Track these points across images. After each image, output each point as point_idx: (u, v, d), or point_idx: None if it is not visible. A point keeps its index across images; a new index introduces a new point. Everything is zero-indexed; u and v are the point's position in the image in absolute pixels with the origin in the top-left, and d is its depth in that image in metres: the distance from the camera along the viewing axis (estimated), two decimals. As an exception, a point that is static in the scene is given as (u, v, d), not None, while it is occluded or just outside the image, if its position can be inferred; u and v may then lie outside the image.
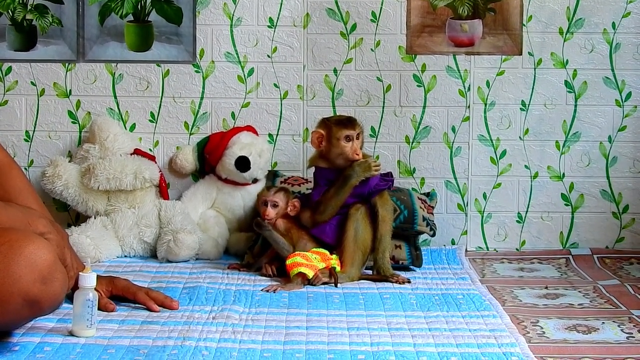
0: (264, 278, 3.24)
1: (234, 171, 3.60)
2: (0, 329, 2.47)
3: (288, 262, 3.18)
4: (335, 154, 3.27)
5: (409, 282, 3.22)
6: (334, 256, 3.23)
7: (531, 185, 3.79)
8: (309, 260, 3.18)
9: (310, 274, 3.15)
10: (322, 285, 3.16)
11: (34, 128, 3.74)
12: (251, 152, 3.61)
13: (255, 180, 3.67)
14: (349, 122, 3.29)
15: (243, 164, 3.59)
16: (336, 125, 3.27)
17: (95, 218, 3.57)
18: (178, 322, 2.70)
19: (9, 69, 3.73)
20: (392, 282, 3.21)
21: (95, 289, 2.59)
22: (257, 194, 3.46)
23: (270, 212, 3.30)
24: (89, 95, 3.74)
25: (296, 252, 3.21)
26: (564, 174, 3.79)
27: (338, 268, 3.21)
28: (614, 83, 3.76)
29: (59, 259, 2.46)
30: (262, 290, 3.08)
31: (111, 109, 3.74)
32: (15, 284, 2.34)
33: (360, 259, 3.25)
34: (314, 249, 3.24)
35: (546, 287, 3.23)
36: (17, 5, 3.71)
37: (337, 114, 3.71)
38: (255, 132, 3.73)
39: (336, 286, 3.15)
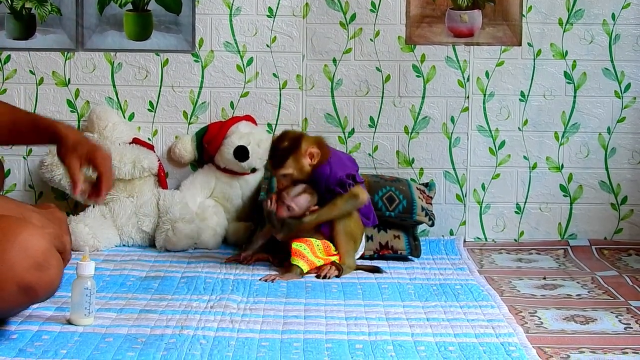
0: (262, 267, 3.24)
1: (232, 160, 3.60)
2: (-3, 316, 2.48)
3: (294, 245, 3.18)
4: None
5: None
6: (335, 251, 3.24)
7: (530, 176, 3.79)
8: (312, 249, 3.18)
9: (305, 269, 3.15)
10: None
11: (33, 117, 3.73)
12: (250, 141, 3.61)
13: (253, 170, 3.67)
14: (272, 161, 3.26)
15: (242, 153, 3.59)
16: None
17: (93, 207, 3.57)
18: (176, 311, 2.71)
19: (8, 58, 3.72)
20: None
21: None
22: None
23: (283, 212, 3.23)
24: (87, 84, 3.74)
25: (304, 239, 3.21)
26: (562, 165, 3.79)
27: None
28: (613, 74, 3.76)
29: (57, 248, 2.45)
30: (260, 279, 3.08)
31: (110, 98, 3.74)
32: (10, 271, 2.34)
33: (353, 248, 3.26)
34: (322, 240, 3.24)
35: (544, 278, 3.23)
36: (16, -6, 3.71)
37: (337, 103, 3.73)
38: (254, 122, 3.72)
39: (338, 277, 3.16)
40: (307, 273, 3.16)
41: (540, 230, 3.80)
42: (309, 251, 3.17)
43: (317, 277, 3.14)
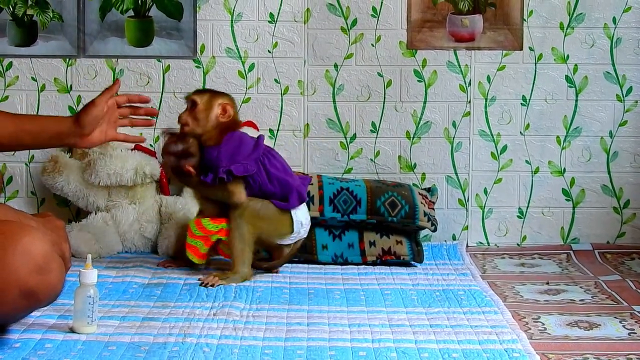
0: (267, 275, 3.24)
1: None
2: (-1, 321, 2.48)
3: (187, 241, 3.22)
4: None
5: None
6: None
7: (532, 180, 3.79)
8: (204, 229, 3.21)
9: (194, 259, 3.19)
10: (299, 280, 3.17)
11: (35, 123, 3.73)
12: (251, 147, 3.60)
13: (255, 176, 3.67)
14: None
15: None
16: None
17: (96, 214, 3.56)
18: (179, 319, 2.70)
19: (10, 65, 3.72)
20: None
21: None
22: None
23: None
24: (89, 90, 3.73)
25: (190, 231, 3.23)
26: (564, 169, 3.79)
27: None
28: (614, 78, 3.75)
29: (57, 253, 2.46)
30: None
31: (112, 104, 3.73)
32: (11, 275, 2.34)
33: (249, 256, 3.18)
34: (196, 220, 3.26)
35: (547, 283, 3.23)
36: (17, 1, 3.70)
37: (339, 108, 3.73)
38: (256, 127, 3.72)
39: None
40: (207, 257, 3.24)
41: (542, 234, 3.79)
42: (202, 244, 3.21)
43: (201, 284, 3.10)
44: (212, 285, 3.07)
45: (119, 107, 3.04)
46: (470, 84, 3.76)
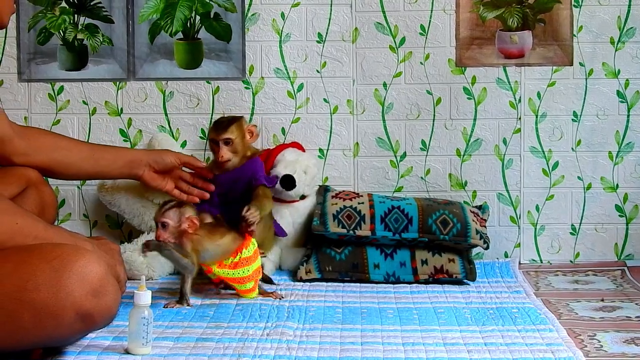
0: (319, 294, 3.23)
1: (279, 189, 3.59)
2: (56, 344, 2.49)
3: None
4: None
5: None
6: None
7: (584, 196, 3.76)
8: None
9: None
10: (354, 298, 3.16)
11: (86, 147, 3.76)
12: (295, 169, 3.60)
13: (303, 197, 3.66)
14: (216, 129, 3.47)
15: (288, 182, 3.58)
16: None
17: (147, 234, 3.57)
18: (233, 339, 2.71)
19: (61, 89, 3.76)
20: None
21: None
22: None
23: (162, 233, 3.08)
24: (140, 113, 3.76)
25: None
26: (617, 184, 3.75)
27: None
28: (666, 92, 3.73)
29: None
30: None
31: (162, 126, 3.76)
32: (68, 298, 2.36)
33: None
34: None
35: (602, 300, 3.20)
36: (68, 25, 3.74)
37: (388, 127, 3.73)
38: (302, 148, 3.72)
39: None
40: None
41: (596, 251, 3.76)
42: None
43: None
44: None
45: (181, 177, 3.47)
46: (520, 100, 3.74)
